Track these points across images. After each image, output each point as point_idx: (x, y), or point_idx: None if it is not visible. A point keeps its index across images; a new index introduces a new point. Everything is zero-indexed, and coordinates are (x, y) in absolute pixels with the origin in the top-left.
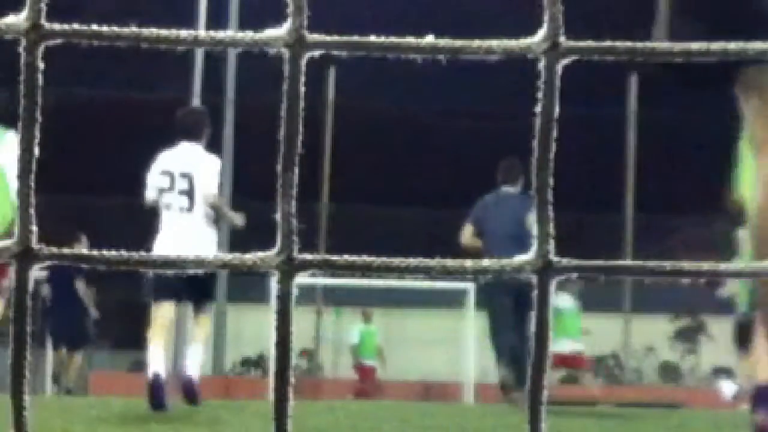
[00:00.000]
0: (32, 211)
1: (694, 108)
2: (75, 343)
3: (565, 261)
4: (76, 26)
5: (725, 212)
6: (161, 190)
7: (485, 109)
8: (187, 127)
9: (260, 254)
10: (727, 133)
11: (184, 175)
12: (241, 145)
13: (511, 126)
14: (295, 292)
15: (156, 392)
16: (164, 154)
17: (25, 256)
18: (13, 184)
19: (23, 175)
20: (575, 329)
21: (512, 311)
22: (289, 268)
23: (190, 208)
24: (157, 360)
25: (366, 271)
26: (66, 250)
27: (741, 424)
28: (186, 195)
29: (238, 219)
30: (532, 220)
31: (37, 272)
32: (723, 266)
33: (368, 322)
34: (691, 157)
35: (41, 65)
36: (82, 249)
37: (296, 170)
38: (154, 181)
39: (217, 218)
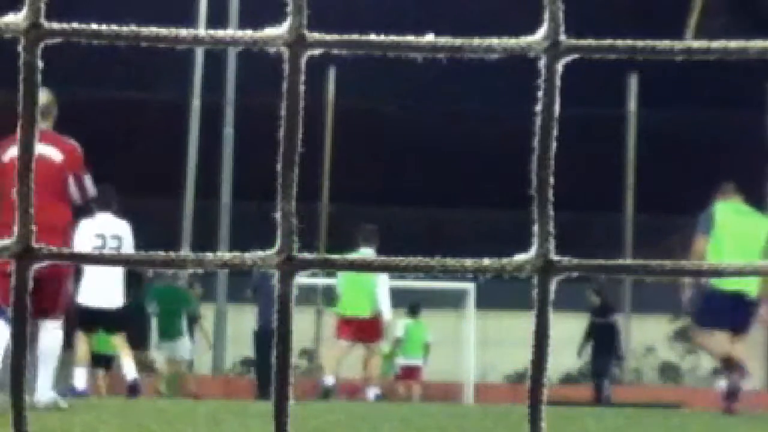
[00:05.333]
0: (32, 211)
1: (694, 108)
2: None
3: (565, 260)
4: (75, 25)
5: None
6: (95, 249)
7: (485, 109)
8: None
9: (260, 254)
10: (727, 133)
11: (114, 237)
12: (241, 145)
13: (511, 126)
14: (294, 292)
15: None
16: (88, 221)
17: (24, 256)
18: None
19: (23, 174)
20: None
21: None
22: (289, 268)
23: None
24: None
25: (366, 270)
26: (65, 250)
27: (741, 424)
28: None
29: None
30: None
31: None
32: (723, 265)
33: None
34: (691, 157)
35: (40, 64)
36: None
37: (296, 170)
38: (86, 243)
39: None
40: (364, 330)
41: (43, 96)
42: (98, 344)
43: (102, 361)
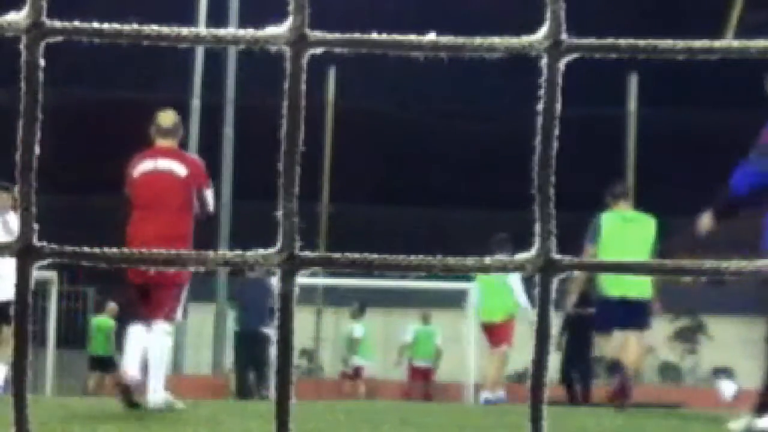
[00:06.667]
0: (33, 210)
1: (694, 108)
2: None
3: (566, 259)
4: (76, 24)
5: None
6: None
7: (485, 109)
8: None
9: (262, 252)
10: (727, 132)
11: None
12: (241, 145)
13: (511, 126)
14: (296, 291)
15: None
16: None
17: (26, 254)
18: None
19: (23, 173)
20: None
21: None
22: (290, 266)
23: None
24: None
25: (367, 269)
26: (67, 248)
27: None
28: None
29: None
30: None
31: None
32: (724, 265)
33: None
34: (691, 157)
35: (42, 63)
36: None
37: (297, 168)
38: None
39: None
40: (493, 334)
41: (171, 117)
42: (96, 347)
43: (101, 364)
